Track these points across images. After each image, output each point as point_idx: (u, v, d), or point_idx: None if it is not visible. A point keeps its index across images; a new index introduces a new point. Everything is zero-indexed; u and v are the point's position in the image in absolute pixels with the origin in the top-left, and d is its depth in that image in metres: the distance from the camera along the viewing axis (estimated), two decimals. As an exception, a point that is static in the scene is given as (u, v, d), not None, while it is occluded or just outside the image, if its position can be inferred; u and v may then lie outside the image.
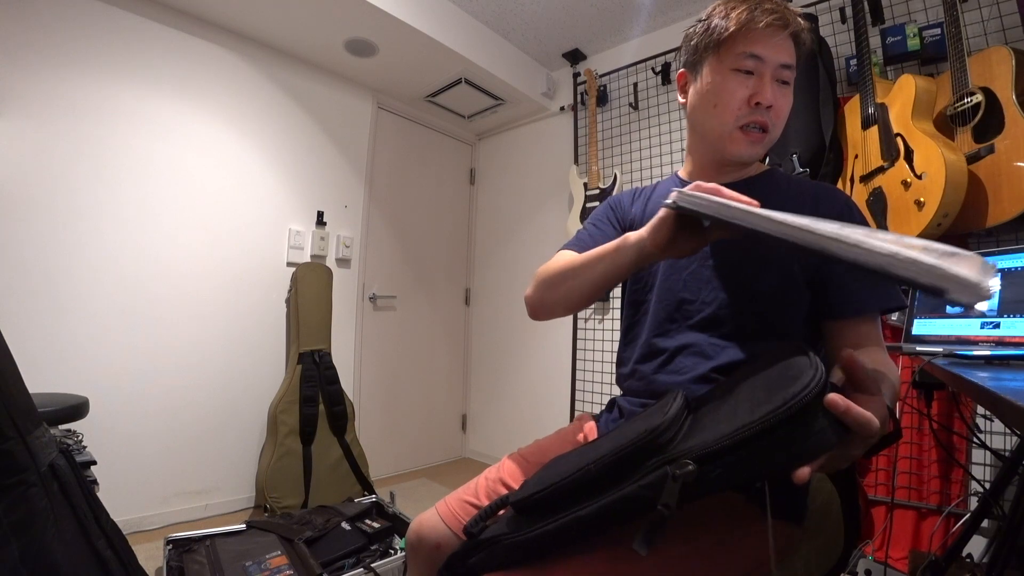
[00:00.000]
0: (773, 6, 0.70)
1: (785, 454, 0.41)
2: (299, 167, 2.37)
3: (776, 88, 0.72)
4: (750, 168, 0.81)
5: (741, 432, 0.41)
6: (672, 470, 0.43)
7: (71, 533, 0.79)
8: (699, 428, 0.48)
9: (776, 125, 0.74)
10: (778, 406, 0.40)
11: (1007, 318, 1.07)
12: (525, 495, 0.58)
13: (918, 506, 1.52)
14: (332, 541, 1.52)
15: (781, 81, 0.72)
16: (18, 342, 0.94)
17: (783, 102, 0.73)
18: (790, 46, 0.72)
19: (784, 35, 0.71)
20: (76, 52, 1.75)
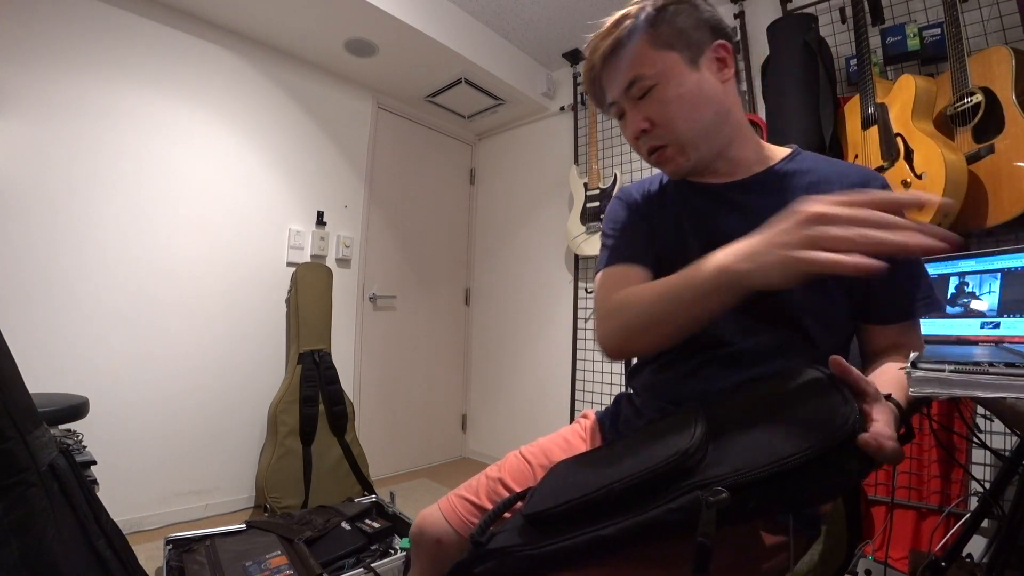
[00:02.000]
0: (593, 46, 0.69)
1: (818, 487, 0.42)
2: (299, 167, 2.37)
3: (639, 107, 0.67)
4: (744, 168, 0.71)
5: (779, 465, 0.42)
6: (705, 496, 0.43)
7: (71, 533, 0.79)
8: (725, 452, 0.47)
9: (668, 130, 0.67)
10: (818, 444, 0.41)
11: (1007, 318, 1.07)
12: (542, 508, 0.55)
13: (918, 506, 1.52)
14: (332, 541, 1.52)
15: (641, 96, 0.67)
16: (18, 342, 0.94)
17: (655, 109, 0.66)
18: (625, 62, 0.67)
19: (614, 63, 0.67)
20: (76, 52, 1.75)
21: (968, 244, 1.51)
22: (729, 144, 0.70)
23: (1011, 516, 0.91)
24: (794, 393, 0.50)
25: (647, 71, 0.65)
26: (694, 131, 0.67)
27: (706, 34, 0.67)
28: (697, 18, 0.66)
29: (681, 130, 0.67)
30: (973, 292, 1.16)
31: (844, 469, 0.41)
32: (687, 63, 0.65)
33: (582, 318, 2.56)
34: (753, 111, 2.04)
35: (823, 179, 0.68)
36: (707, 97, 0.66)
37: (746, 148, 0.71)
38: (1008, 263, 1.11)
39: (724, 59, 0.68)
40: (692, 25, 0.66)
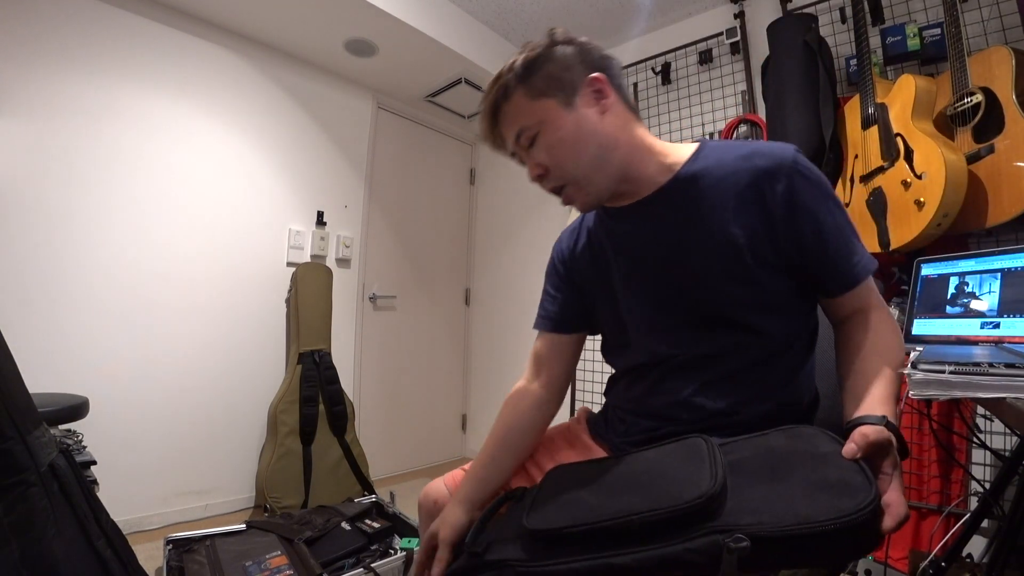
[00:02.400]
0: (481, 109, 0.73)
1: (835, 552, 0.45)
2: (299, 167, 2.37)
3: (530, 154, 0.71)
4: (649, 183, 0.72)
5: (807, 527, 0.43)
6: (726, 541, 0.44)
7: (71, 533, 0.79)
8: (743, 499, 0.49)
9: (560, 172, 0.70)
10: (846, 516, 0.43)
11: (1007, 318, 1.07)
12: (551, 527, 0.55)
13: (918, 506, 1.52)
14: (332, 541, 1.52)
15: (529, 144, 0.70)
16: (18, 342, 0.95)
17: (543, 155, 0.69)
18: (506, 119, 0.71)
19: (499, 123, 0.72)
20: (76, 52, 1.75)
21: (968, 244, 1.51)
22: (626, 168, 0.71)
23: (1011, 516, 0.91)
24: (811, 455, 0.52)
25: (527, 122, 0.69)
26: (582, 168, 0.69)
27: (578, 72, 0.69)
28: (565, 61, 0.69)
29: (570, 170, 0.69)
30: (973, 292, 1.16)
31: (858, 543, 0.44)
32: (563, 106, 0.68)
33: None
34: (753, 111, 2.04)
35: (719, 180, 0.68)
36: (587, 134, 0.68)
37: (646, 165, 0.72)
38: (1008, 263, 1.11)
39: (600, 90, 0.69)
40: (562, 68, 0.68)
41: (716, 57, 2.20)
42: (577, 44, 0.70)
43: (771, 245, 0.66)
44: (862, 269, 0.67)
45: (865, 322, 0.68)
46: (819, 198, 0.66)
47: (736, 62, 2.13)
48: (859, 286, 0.68)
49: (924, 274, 1.30)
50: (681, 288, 0.71)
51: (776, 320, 0.69)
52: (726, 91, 2.16)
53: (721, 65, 2.19)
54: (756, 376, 0.69)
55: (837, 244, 0.66)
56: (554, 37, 0.70)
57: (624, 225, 0.76)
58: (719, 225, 0.67)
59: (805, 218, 0.65)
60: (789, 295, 0.69)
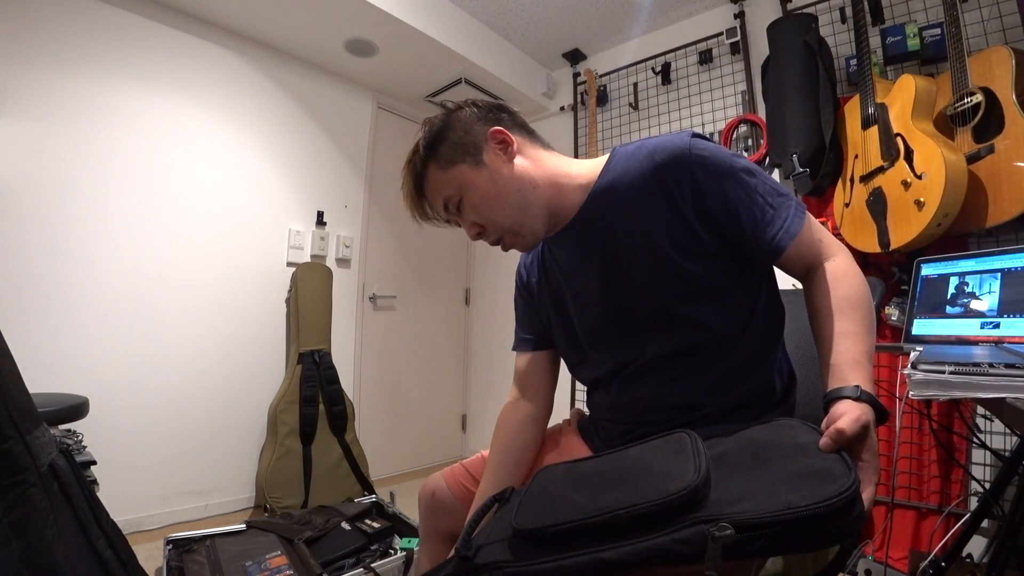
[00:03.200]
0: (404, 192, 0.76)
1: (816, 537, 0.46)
2: (299, 167, 2.37)
3: (461, 216, 0.74)
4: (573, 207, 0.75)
5: (789, 513, 0.45)
6: (711, 531, 0.45)
7: (71, 533, 0.79)
8: (728, 490, 0.50)
9: (493, 226, 0.73)
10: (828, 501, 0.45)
11: (1007, 318, 1.07)
12: (538, 525, 0.55)
13: (918, 506, 1.52)
14: (332, 541, 1.52)
15: (456, 209, 0.73)
16: (18, 342, 0.94)
17: (472, 214, 0.73)
18: (427, 192, 0.74)
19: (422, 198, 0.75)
20: (76, 52, 1.75)
21: (968, 244, 1.51)
22: (549, 202, 0.74)
23: (1011, 516, 0.91)
24: (792, 446, 0.53)
25: (448, 191, 0.72)
26: (511, 217, 0.72)
27: (478, 131, 0.72)
28: (463, 125, 0.72)
29: (501, 221, 0.72)
30: (973, 292, 1.16)
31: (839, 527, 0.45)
32: (473, 167, 0.71)
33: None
34: (753, 111, 2.04)
35: (628, 186, 0.70)
36: (504, 185, 0.71)
37: (567, 193, 0.74)
38: (1008, 263, 1.11)
39: (503, 140, 0.73)
40: (463, 131, 0.72)
41: (716, 57, 2.20)
42: (469, 106, 0.74)
43: (689, 234, 0.67)
44: (784, 233, 0.66)
45: (818, 280, 0.67)
46: (720, 176, 0.66)
47: (736, 62, 2.14)
48: (788, 249, 0.66)
49: (924, 274, 1.30)
50: (620, 297, 0.73)
51: (719, 308, 0.69)
52: (726, 91, 2.16)
53: (721, 65, 2.19)
54: (713, 367, 0.69)
55: (751, 215, 0.66)
56: (447, 107, 0.75)
57: (561, 250, 0.80)
58: (638, 227, 0.69)
59: (711, 200, 0.66)
60: (725, 279, 0.69)
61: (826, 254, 0.68)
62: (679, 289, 0.68)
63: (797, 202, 0.69)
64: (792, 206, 0.68)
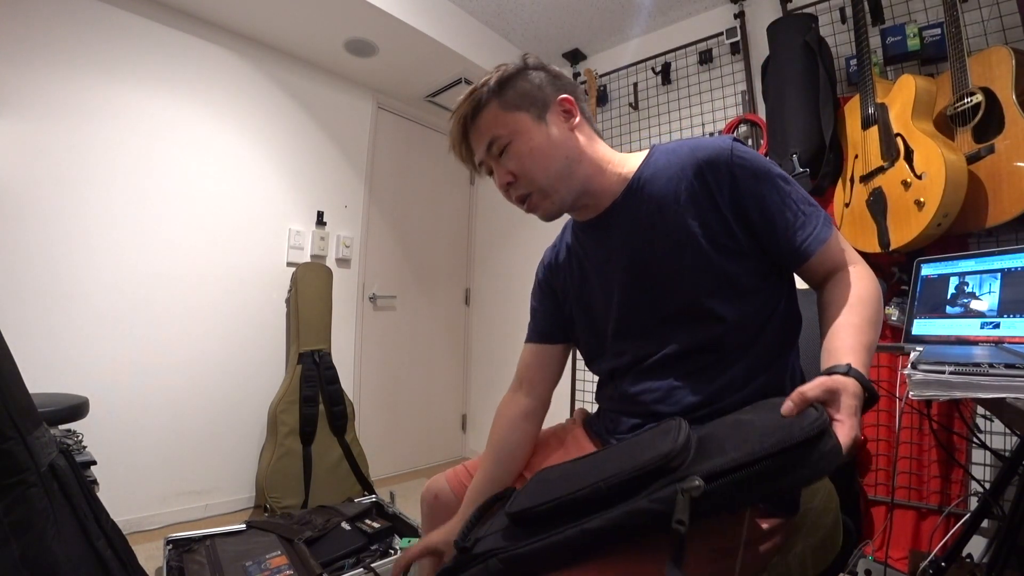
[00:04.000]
0: (454, 119, 0.77)
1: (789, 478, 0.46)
2: (299, 167, 2.37)
3: (500, 162, 0.75)
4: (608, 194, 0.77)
5: (751, 455, 0.46)
6: (681, 486, 0.46)
7: (71, 533, 0.79)
8: (707, 455, 0.51)
9: (528, 180, 0.74)
10: (788, 436, 0.46)
11: (1007, 318, 1.07)
12: (525, 507, 0.57)
13: (918, 506, 1.52)
14: (332, 541, 1.52)
15: (500, 153, 0.74)
16: (18, 342, 0.94)
17: (514, 163, 0.74)
18: (480, 127, 0.75)
19: (472, 131, 0.76)
20: (76, 52, 1.75)
21: (968, 244, 1.51)
22: (588, 181, 0.76)
23: (1011, 516, 0.91)
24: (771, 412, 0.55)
25: (500, 132, 0.74)
26: (550, 177, 0.73)
27: (550, 92, 0.75)
28: (538, 82, 0.76)
29: (539, 178, 0.73)
30: (973, 292, 1.16)
31: (811, 461, 0.45)
32: (535, 120, 0.74)
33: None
34: (753, 111, 2.04)
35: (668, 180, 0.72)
36: (556, 147, 0.73)
37: (606, 178, 0.77)
38: (1008, 263, 1.11)
39: (569, 110, 0.76)
40: (535, 87, 0.75)
41: (716, 57, 2.20)
42: (548, 71, 0.77)
43: (725, 230, 0.69)
44: (814, 239, 0.68)
45: (839, 280, 0.69)
46: (758, 179, 0.68)
47: (736, 62, 2.13)
48: (815, 255, 0.69)
49: (924, 274, 1.30)
50: (649, 288, 0.74)
51: (743, 306, 0.70)
52: (726, 91, 2.16)
53: (721, 65, 2.19)
54: (730, 366, 0.70)
55: (784, 219, 0.68)
56: (527, 60, 0.77)
57: (591, 238, 0.81)
58: (674, 221, 0.71)
59: (748, 200, 0.68)
60: (753, 279, 0.71)
61: (849, 260, 0.70)
62: (710, 283, 0.70)
63: (825, 214, 0.71)
64: (821, 216, 0.70)
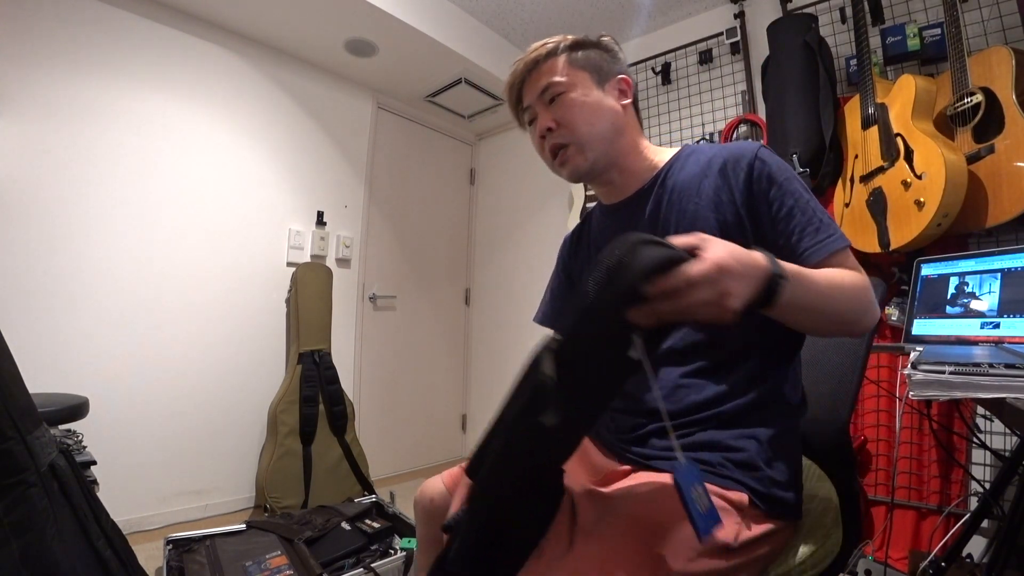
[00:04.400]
0: (519, 60, 0.80)
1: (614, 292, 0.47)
2: (299, 167, 2.37)
3: (549, 109, 0.77)
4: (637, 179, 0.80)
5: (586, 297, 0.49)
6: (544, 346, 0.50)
7: (71, 533, 0.79)
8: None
9: (570, 131, 0.76)
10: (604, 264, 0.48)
11: (1007, 318, 1.07)
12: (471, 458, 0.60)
13: (918, 506, 1.52)
14: (332, 541, 1.52)
15: (551, 100, 0.77)
16: (18, 342, 0.94)
17: (562, 111, 0.76)
18: (543, 71, 0.77)
19: (534, 72, 0.78)
20: (76, 52, 1.75)
21: (968, 244, 1.51)
22: (623, 157, 0.79)
23: (1011, 516, 0.91)
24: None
25: (559, 79, 0.77)
26: (592, 135, 0.76)
27: (614, 67, 0.80)
28: (607, 57, 0.80)
29: (581, 132, 0.76)
30: (973, 292, 1.16)
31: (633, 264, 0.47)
32: (594, 82, 0.78)
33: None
34: (753, 111, 2.04)
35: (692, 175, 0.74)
36: (606, 110, 0.77)
37: (638, 160, 0.80)
38: (1008, 263, 1.11)
39: (624, 91, 0.80)
40: (602, 59, 0.79)
41: (716, 57, 2.20)
42: (617, 53, 0.82)
43: (739, 227, 0.69)
44: (832, 242, 0.67)
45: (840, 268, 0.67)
46: (776, 181, 0.69)
47: (736, 62, 2.13)
48: (828, 258, 0.67)
49: (924, 274, 1.30)
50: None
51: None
52: (726, 91, 2.16)
53: (721, 65, 2.19)
54: (734, 367, 0.69)
55: (802, 220, 0.67)
56: (602, 37, 0.82)
57: (613, 222, 0.83)
58: (693, 214, 0.72)
59: (762, 201, 0.69)
60: None
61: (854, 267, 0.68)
62: None
63: (842, 233, 0.69)
64: (838, 229, 0.68)
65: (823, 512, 0.71)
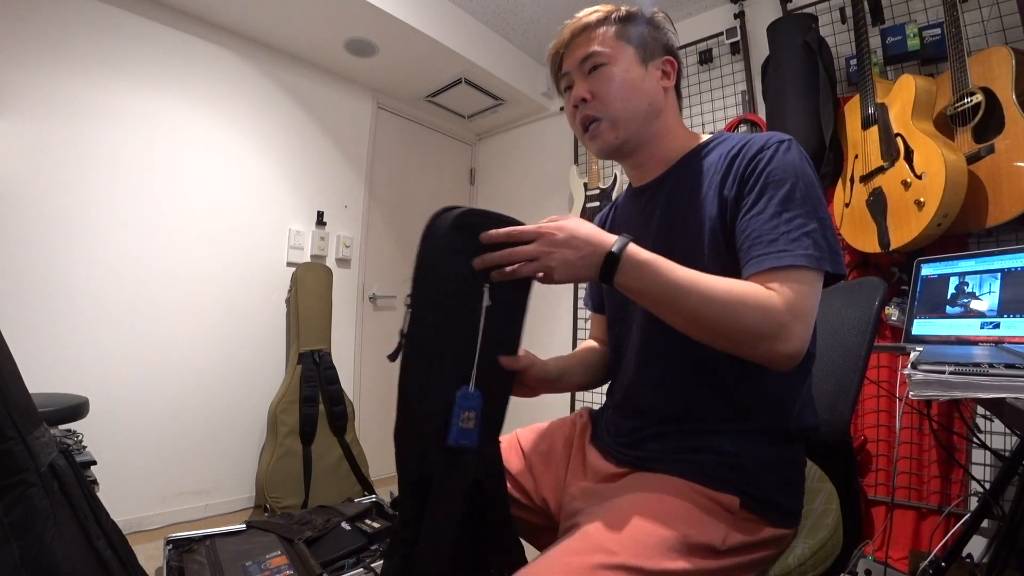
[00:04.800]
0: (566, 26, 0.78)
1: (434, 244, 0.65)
2: (299, 167, 2.37)
3: (587, 80, 0.75)
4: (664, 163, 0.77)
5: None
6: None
7: (71, 533, 0.79)
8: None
9: (605, 104, 0.73)
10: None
11: (1007, 318, 1.07)
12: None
13: (918, 506, 1.52)
14: (332, 541, 1.52)
15: (591, 70, 0.74)
16: (18, 342, 0.94)
17: (599, 84, 0.73)
18: (587, 39, 0.75)
19: (579, 39, 0.76)
20: (76, 52, 1.75)
21: (968, 244, 1.51)
22: (655, 139, 0.76)
23: (1011, 516, 0.91)
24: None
25: (602, 50, 0.74)
26: (627, 112, 0.74)
27: (660, 48, 0.76)
28: (657, 35, 0.76)
29: (615, 107, 0.73)
30: (973, 292, 1.16)
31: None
32: (638, 59, 0.74)
33: (582, 318, 2.56)
34: (753, 111, 2.04)
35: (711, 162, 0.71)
36: (646, 90, 0.74)
37: (671, 143, 0.77)
38: (1008, 263, 1.11)
39: (668, 73, 0.77)
40: (651, 37, 0.76)
41: (716, 57, 2.20)
42: (668, 32, 0.78)
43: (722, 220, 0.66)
44: (771, 258, 0.58)
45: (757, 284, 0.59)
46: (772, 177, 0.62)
47: (736, 62, 2.13)
48: (759, 274, 0.59)
49: (924, 274, 1.30)
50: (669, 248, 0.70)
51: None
52: (726, 91, 2.16)
53: (721, 65, 2.19)
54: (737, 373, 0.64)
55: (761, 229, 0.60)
56: (655, 13, 0.78)
57: (637, 205, 0.81)
58: (703, 201, 0.69)
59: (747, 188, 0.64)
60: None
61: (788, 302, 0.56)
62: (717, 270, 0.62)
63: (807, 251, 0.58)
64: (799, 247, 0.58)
65: (823, 512, 0.71)
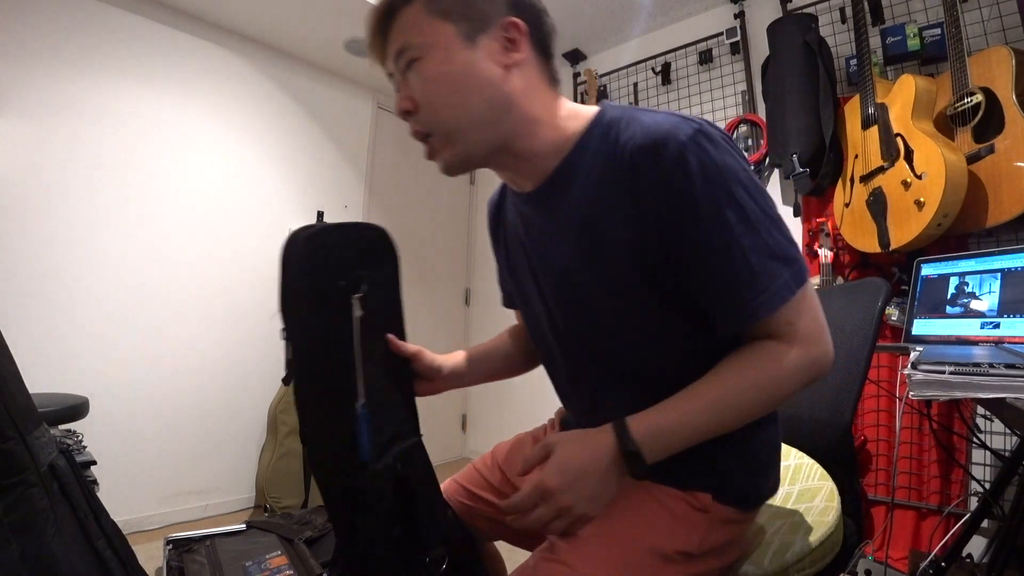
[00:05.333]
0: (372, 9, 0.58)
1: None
2: (299, 167, 2.37)
3: (407, 83, 0.57)
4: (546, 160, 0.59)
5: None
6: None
7: (71, 533, 0.79)
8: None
9: (431, 114, 0.56)
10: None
11: (1007, 318, 1.07)
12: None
13: (918, 506, 1.52)
14: (332, 541, 1.52)
15: (407, 66, 0.56)
16: (18, 342, 0.94)
17: (418, 87, 0.55)
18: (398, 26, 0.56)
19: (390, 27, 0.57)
20: (75, 52, 1.75)
21: (968, 244, 1.51)
22: (518, 139, 0.57)
23: (1011, 516, 0.91)
24: None
25: (414, 40, 0.54)
26: (460, 119, 0.55)
27: (496, 8, 0.55)
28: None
29: (444, 116, 0.55)
30: (973, 292, 1.16)
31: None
32: (462, 38, 0.53)
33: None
34: (753, 111, 2.04)
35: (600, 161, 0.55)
36: (478, 81, 0.54)
37: (537, 141, 0.58)
38: (1008, 263, 1.11)
39: (514, 40, 0.55)
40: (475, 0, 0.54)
41: (716, 57, 2.20)
42: None
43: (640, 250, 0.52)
44: (757, 307, 0.48)
45: (760, 347, 0.50)
46: (706, 201, 0.47)
47: (736, 62, 2.13)
48: (757, 322, 0.49)
49: (924, 274, 1.30)
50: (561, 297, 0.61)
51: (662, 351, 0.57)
52: (726, 91, 2.16)
53: (721, 65, 2.19)
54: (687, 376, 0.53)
55: (724, 274, 0.49)
56: None
57: (529, 211, 0.64)
58: (591, 220, 0.55)
59: (683, 217, 0.48)
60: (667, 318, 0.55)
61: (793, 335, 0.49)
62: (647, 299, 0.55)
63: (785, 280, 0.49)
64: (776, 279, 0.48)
65: (824, 511, 0.71)
